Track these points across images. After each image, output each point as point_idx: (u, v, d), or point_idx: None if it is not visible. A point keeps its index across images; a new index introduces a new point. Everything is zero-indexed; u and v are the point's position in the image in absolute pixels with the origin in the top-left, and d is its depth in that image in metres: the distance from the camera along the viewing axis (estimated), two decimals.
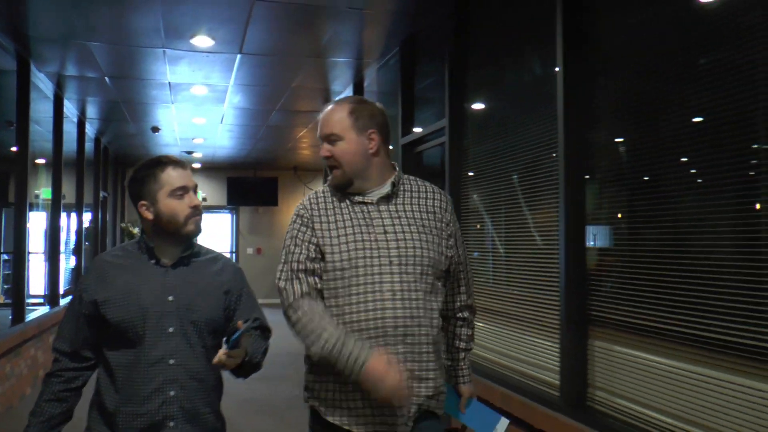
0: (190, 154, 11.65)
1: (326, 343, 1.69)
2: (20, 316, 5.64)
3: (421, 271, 1.81)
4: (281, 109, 7.77)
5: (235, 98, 7.25)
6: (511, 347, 3.53)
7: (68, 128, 7.48)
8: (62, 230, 7.27)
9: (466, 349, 2.05)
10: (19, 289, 5.74)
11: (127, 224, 12.36)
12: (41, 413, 1.80)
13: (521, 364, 3.42)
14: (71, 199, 8.13)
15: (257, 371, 1.90)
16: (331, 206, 1.89)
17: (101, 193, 9.88)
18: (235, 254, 14.25)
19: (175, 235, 1.85)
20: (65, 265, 8.01)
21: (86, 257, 8.88)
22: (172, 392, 1.77)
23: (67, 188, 7.42)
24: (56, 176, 6.98)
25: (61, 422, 1.83)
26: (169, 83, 6.59)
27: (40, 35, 5.14)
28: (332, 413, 1.81)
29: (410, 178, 1.99)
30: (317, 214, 1.87)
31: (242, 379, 1.89)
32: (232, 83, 6.57)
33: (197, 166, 13.43)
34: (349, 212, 1.87)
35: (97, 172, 9.65)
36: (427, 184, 1.99)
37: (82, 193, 8.38)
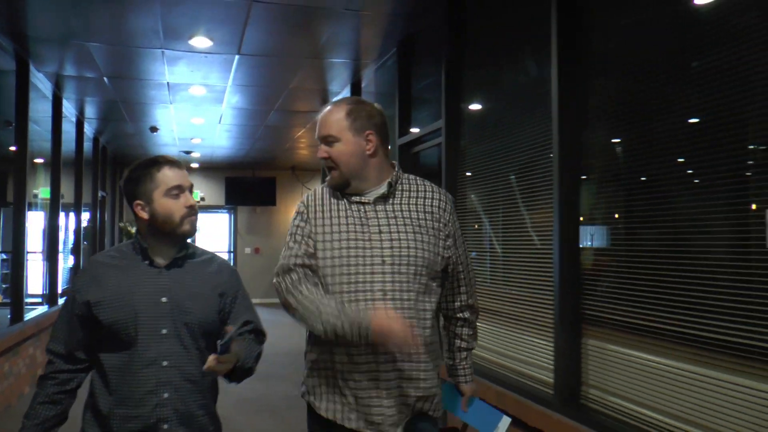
0: (188, 154, 11.67)
1: (328, 319, 1.72)
2: (19, 315, 5.67)
3: (414, 271, 1.81)
4: (279, 109, 7.79)
5: (233, 98, 7.27)
6: (506, 346, 3.56)
7: (67, 128, 7.50)
8: (60, 230, 7.29)
9: (467, 348, 2.06)
10: (17, 288, 5.76)
11: (125, 224, 12.37)
12: (35, 416, 1.78)
13: (516, 362, 3.45)
14: (70, 198, 8.15)
15: (250, 376, 1.88)
16: (328, 204, 1.91)
17: (99, 192, 9.89)
18: (233, 254, 14.27)
19: (170, 235, 1.83)
20: (63, 264, 8.02)
21: (84, 257, 8.90)
22: (165, 394, 1.75)
23: (65, 188, 7.43)
24: (55, 176, 7.00)
25: (55, 424, 1.81)
26: (167, 83, 6.61)
27: (39, 35, 5.17)
28: (325, 407, 1.85)
29: (411, 177, 1.98)
30: (313, 210, 1.91)
31: (235, 383, 1.87)
32: (230, 84, 6.59)
33: (195, 165, 13.44)
34: (345, 211, 1.88)
35: (95, 171, 9.67)
36: (427, 183, 1.97)
37: (80, 192, 8.40)
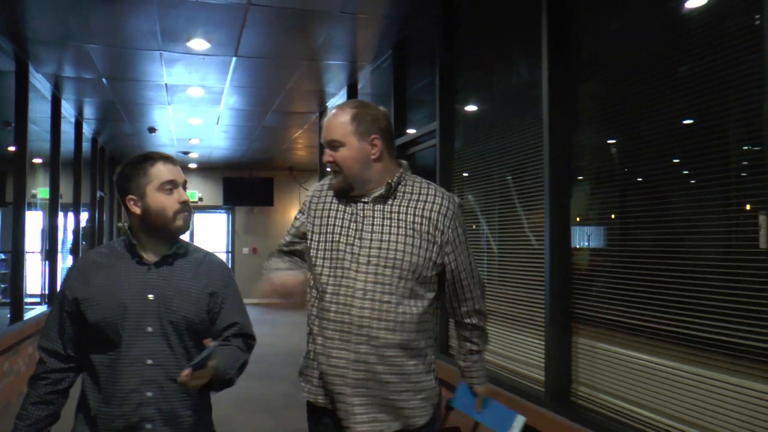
0: (186, 154, 11.70)
1: (265, 272, 1.90)
2: (18, 314, 5.72)
3: (399, 274, 1.79)
4: (276, 110, 7.84)
5: (230, 100, 7.31)
6: (498, 345, 3.61)
7: (65, 128, 7.53)
8: (59, 230, 7.32)
9: (478, 351, 2.03)
10: (17, 287, 5.81)
11: (123, 224, 12.39)
12: (28, 416, 1.76)
13: (508, 360, 3.50)
14: (68, 198, 8.17)
15: (229, 387, 1.80)
16: (329, 200, 1.94)
17: (98, 192, 9.92)
18: (231, 254, 14.30)
19: (162, 230, 1.79)
20: (62, 264, 8.06)
21: None
22: (149, 393, 1.72)
23: (64, 188, 7.45)
24: (54, 176, 7.03)
25: (47, 424, 1.79)
26: (165, 85, 6.65)
27: (38, 37, 5.21)
28: (304, 388, 1.91)
29: (417, 180, 1.95)
30: (315, 204, 1.95)
31: (213, 392, 1.81)
32: (227, 85, 6.64)
33: (193, 166, 13.47)
34: (343, 208, 1.90)
35: (94, 172, 9.69)
36: (432, 187, 1.93)
37: (79, 192, 8.43)
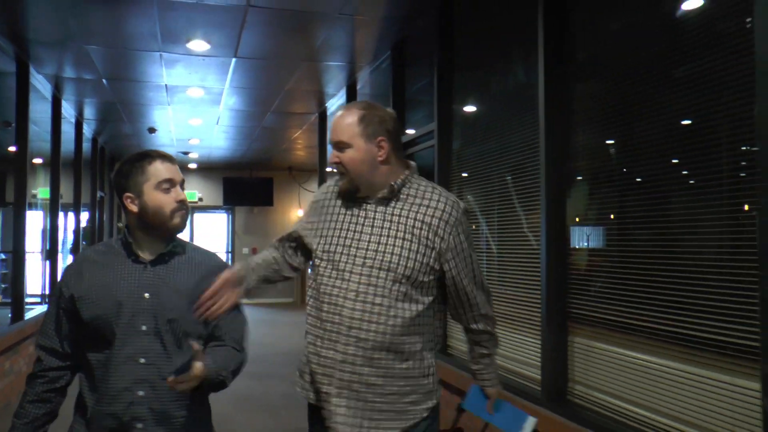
0: (186, 154, 11.73)
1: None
2: (19, 314, 5.75)
3: (393, 277, 1.78)
4: (276, 111, 7.87)
5: (230, 100, 7.34)
6: None
7: (66, 129, 7.55)
8: (59, 230, 7.35)
9: (488, 354, 2.02)
10: (18, 287, 5.84)
11: (123, 223, 12.41)
12: (25, 415, 1.75)
13: (504, 360, 3.53)
14: (68, 198, 8.20)
15: (223, 388, 1.76)
16: (334, 198, 1.95)
17: (98, 192, 9.95)
18: (231, 254, 14.33)
19: (159, 228, 1.78)
20: (63, 264, 8.09)
21: None
22: (140, 392, 1.70)
23: (64, 188, 7.48)
24: (54, 176, 7.05)
25: (45, 423, 1.79)
26: (165, 85, 6.68)
27: (38, 38, 5.24)
28: (298, 383, 1.94)
29: (422, 183, 1.91)
30: (322, 202, 1.97)
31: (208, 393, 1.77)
32: (227, 86, 6.67)
33: (193, 166, 13.50)
34: (345, 209, 1.91)
35: (94, 172, 9.72)
36: (437, 192, 1.89)
37: (79, 192, 8.46)
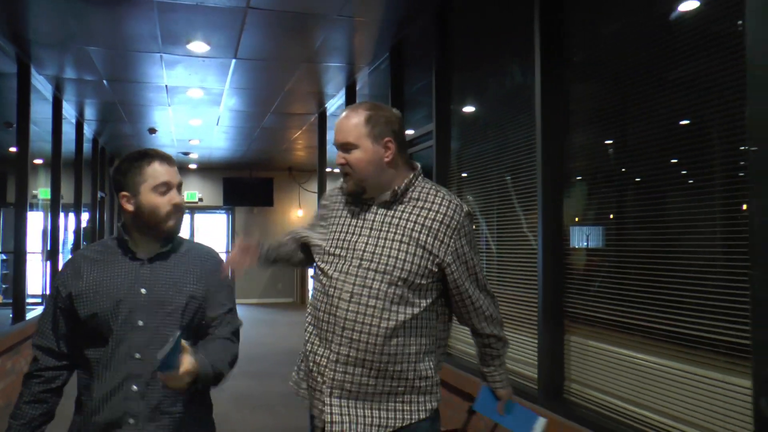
0: (186, 155, 11.75)
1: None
2: (20, 314, 5.77)
3: (388, 280, 1.77)
4: (275, 111, 7.89)
5: (230, 101, 7.37)
6: None
7: (66, 129, 7.57)
8: (60, 230, 7.38)
9: (497, 355, 2.01)
10: (19, 287, 5.87)
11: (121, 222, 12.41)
12: (22, 415, 1.75)
13: None
14: (69, 199, 8.23)
15: (222, 381, 1.74)
16: (340, 199, 1.97)
17: (99, 193, 9.98)
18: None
19: (154, 229, 1.79)
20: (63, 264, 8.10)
21: None
22: (134, 387, 1.70)
23: (64, 188, 7.51)
24: (55, 176, 7.08)
25: (42, 423, 1.78)
26: (165, 86, 6.71)
27: (39, 40, 5.27)
28: (292, 378, 1.97)
29: (427, 186, 1.91)
30: (332, 202, 1.99)
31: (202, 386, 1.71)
32: (227, 87, 6.69)
33: (193, 166, 13.52)
34: (349, 210, 1.92)
35: (94, 172, 9.74)
36: (440, 195, 1.87)
37: (80, 193, 8.48)
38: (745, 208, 2.10)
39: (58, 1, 4.42)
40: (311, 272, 2.02)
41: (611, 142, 2.85)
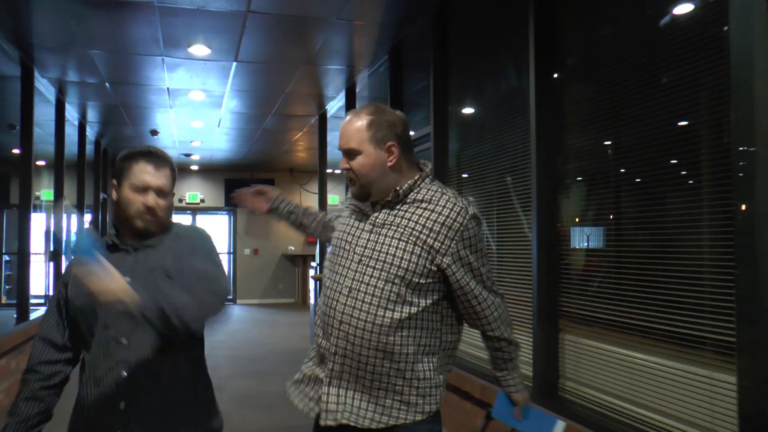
0: (188, 156, 11.80)
1: None
2: (24, 314, 5.83)
3: (385, 278, 1.78)
4: (276, 113, 7.95)
5: (231, 103, 7.43)
6: None
7: (69, 131, 7.62)
8: (62, 231, 7.43)
9: (510, 359, 1.99)
10: (23, 288, 5.93)
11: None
12: (19, 413, 1.73)
13: None
14: (72, 200, 8.28)
15: (170, 327, 1.58)
16: (351, 200, 2.01)
17: (101, 194, 10.04)
18: (232, 255, 14.41)
19: (126, 223, 1.81)
20: (64, 264, 8.16)
21: None
22: (124, 372, 1.72)
23: (67, 190, 7.56)
24: (58, 178, 7.13)
25: (39, 422, 1.76)
26: (167, 89, 6.77)
27: (43, 43, 5.33)
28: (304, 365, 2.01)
29: (433, 187, 1.88)
30: (347, 204, 2.04)
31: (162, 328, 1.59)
32: (228, 89, 6.75)
33: (195, 168, 13.58)
34: (356, 210, 1.96)
35: (97, 174, 9.80)
36: (445, 197, 1.84)
37: (82, 194, 8.54)
38: (744, 208, 2.14)
39: (61, 5, 4.48)
40: (312, 273, 2.07)
41: (605, 143, 2.89)
